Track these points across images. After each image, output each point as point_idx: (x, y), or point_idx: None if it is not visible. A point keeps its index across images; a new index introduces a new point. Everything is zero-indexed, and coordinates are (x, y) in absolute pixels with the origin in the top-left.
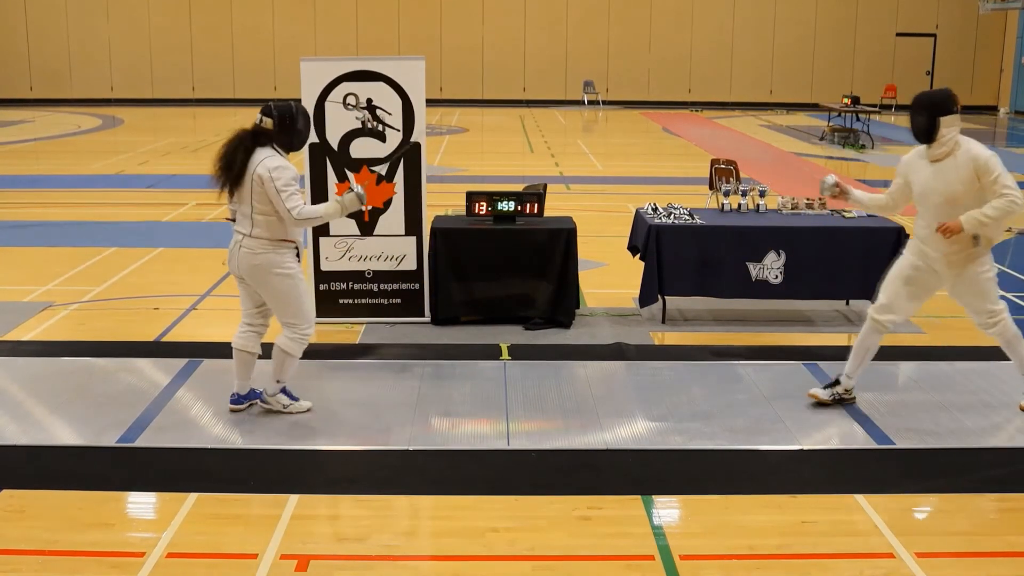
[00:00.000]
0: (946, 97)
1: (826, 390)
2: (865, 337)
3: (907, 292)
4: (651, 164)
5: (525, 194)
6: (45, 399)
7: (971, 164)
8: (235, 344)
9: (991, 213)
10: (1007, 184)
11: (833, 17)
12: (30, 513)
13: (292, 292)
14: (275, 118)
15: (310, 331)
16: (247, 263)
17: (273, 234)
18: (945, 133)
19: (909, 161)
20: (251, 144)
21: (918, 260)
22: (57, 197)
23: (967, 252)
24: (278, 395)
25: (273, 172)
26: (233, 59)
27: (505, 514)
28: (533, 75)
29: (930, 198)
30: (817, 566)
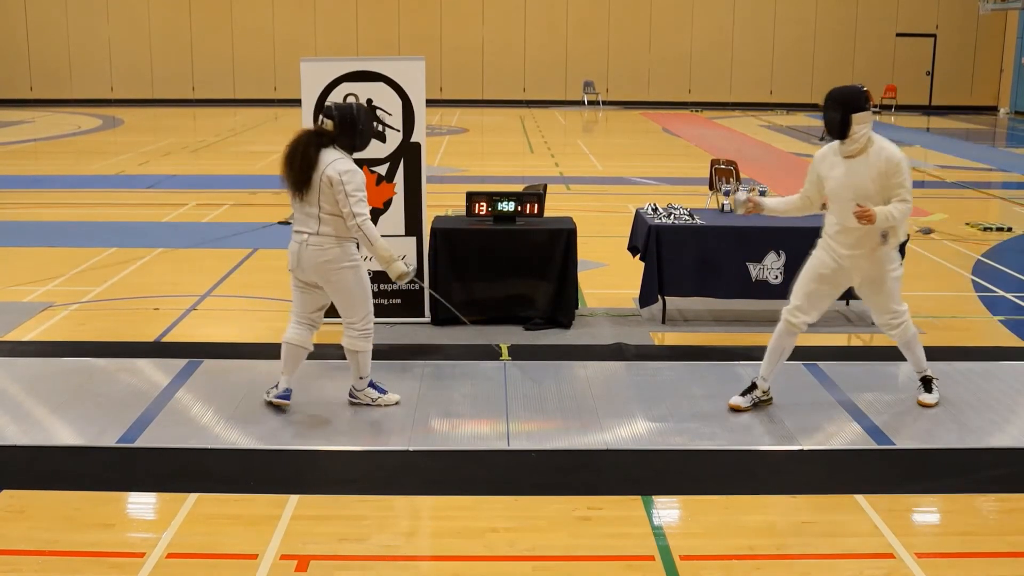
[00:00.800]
0: (858, 94)
1: (744, 396)
2: (779, 339)
3: (819, 291)
4: (651, 164)
5: (525, 194)
6: (45, 399)
7: (883, 163)
8: (289, 339)
9: (896, 215)
10: (908, 189)
11: (833, 17)
12: (30, 513)
13: (361, 283)
14: (336, 120)
15: (371, 322)
16: (315, 261)
17: (340, 232)
18: (857, 130)
19: (822, 157)
20: (317, 145)
21: (828, 258)
22: (57, 197)
23: (877, 251)
24: (366, 390)
25: (344, 175)
26: (233, 59)
27: (505, 514)
28: (533, 75)
29: (842, 194)
30: (817, 566)
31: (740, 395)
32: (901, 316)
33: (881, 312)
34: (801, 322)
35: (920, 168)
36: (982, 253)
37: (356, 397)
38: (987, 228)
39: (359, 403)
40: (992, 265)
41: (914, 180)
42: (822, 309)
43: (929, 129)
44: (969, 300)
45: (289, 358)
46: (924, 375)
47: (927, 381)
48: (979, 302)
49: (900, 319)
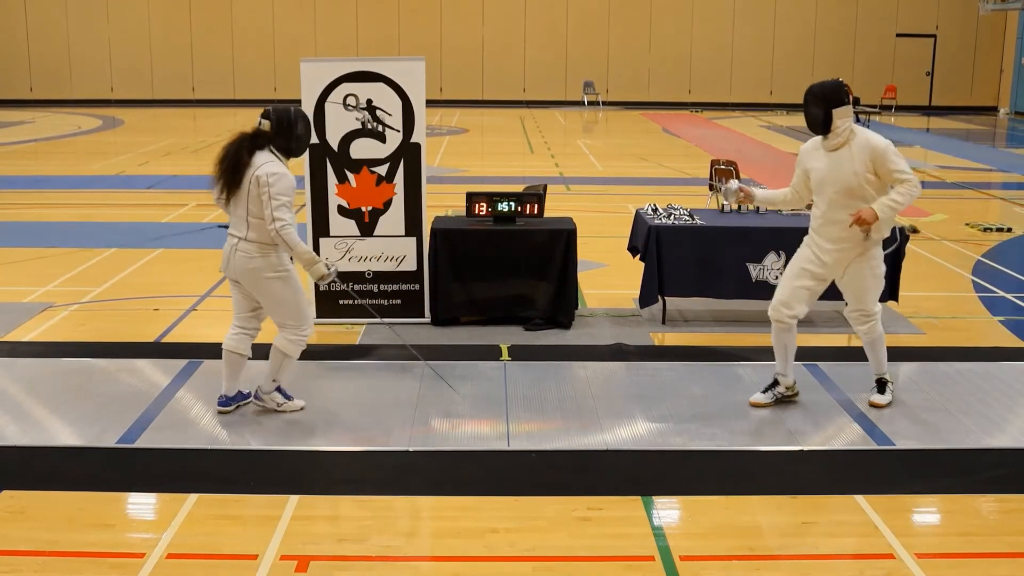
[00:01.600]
0: (837, 88)
1: (766, 393)
2: (778, 337)
3: (805, 286)
4: (651, 164)
5: (525, 195)
6: (45, 400)
7: (867, 153)
8: (226, 346)
9: (899, 199)
10: (904, 169)
11: (833, 18)
12: (30, 514)
13: (288, 294)
14: (273, 121)
15: (308, 332)
16: (243, 267)
17: (267, 239)
18: (840, 124)
19: (807, 151)
20: (251, 146)
21: (811, 254)
22: (57, 198)
23: (860, 245)
24: (273, 393)
25: (270, 178)
26: (233, 60)
27: (505, 515)
28: (533, 76)
29: (826, 188)
30: (817, 567)
31: (762, 391)
32: (872, 317)
33: (855, 304)
34: (787, 316)
35: (920, 168)
36: (982, 253)
37: (261, 400)
38: (987, 228)
39: (263, 406)
40: (992, 265)
41: None
42: (809, 303)
43: (929, 129)
44: (969, 300)
45: (227, 366)
46: (881, 377)
47: (882, 383)
48: (979, 302)
49: (872, 317)
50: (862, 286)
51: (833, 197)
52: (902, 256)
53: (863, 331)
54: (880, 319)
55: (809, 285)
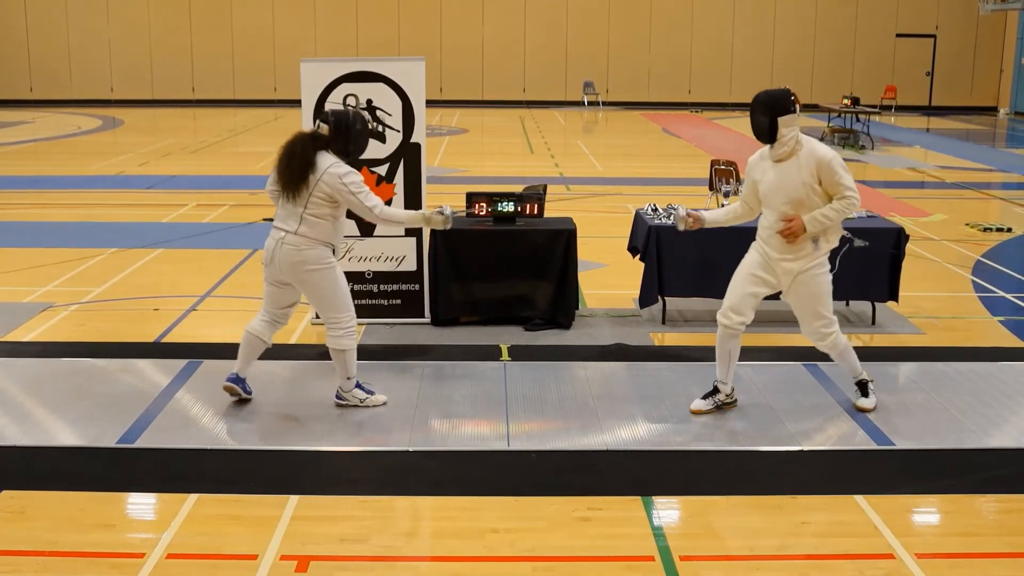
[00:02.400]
0: (784, 96)
1: (706, 400)
2: (723, 342)
3: (752, 293)
4: (651, 164)
5: (525, 195)
6: (45, 400)
7: (813, 165)
8: (249, 328)
9: (831, 214)
10: (848, 185)
11: (833, 18)
12: (30, 514)
13: (333, 284)
14: (331, 124)
15: (354, 321)
16: (289, 260)
17: (318, 235)
18: (785, 133)
19: (754, 163)
20: (313, 148)
21: (760, 259)
22: (57, 198)
23: (807, 256)
24: (353, 391)
25: (344, 179)
26: (233, 60)
27: (505, 515)
28: (533, 76)
29: (774, 198)
30: (817, 567)
31: (701, 398)
32: (830, 325)
33: (810, 320)
34: (736, 323)
35: (920, 168)
36: (982, 254)
37: (343, 399)
38: (987, 228)
39: (346, 404)
40: (992, 265)
41: (914, 181)
42: (755, 308)
43: (929, 130)
44: (969, 300)
45: (245, 347)
46: (860, 379)
47: (863, 385)
48: (979, 302)
49: (830, 328)
50: (814, 291)
51: (781, 208)
52: (902, 256)
53: (827, 345)
54: (839, 329)
55: (758, 292)
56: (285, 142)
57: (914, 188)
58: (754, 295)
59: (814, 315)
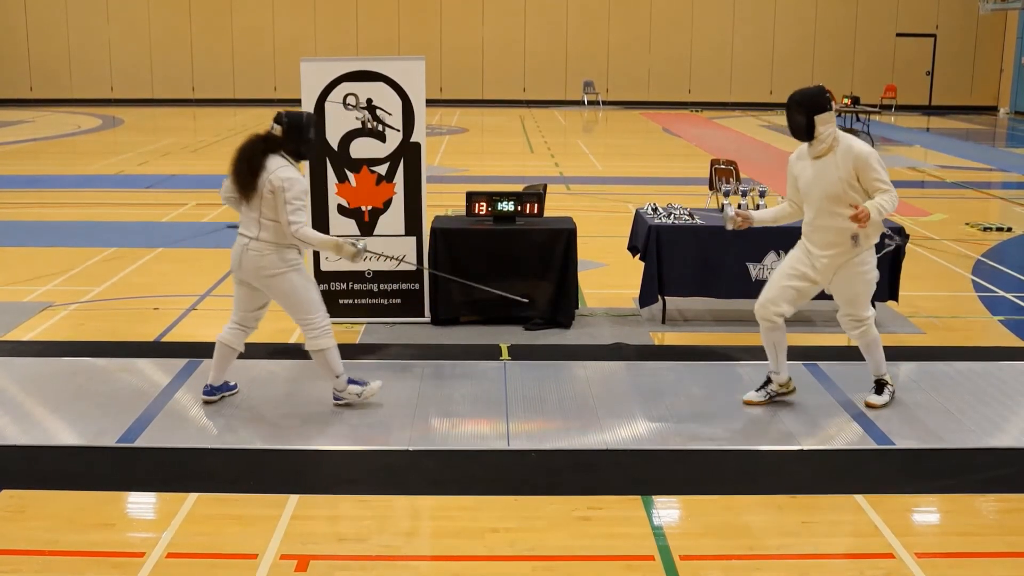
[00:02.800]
0: (819, 95)
1: (759, 392)
2: (767, 336)
3: (794, 286)
4: (651, 164)
5: (525, 194)
6: (45, 399)
7: (851, 160)
8: (220, 338)
9: (886, 205)
10: (886, 180)
11: (833, 17)
12: (30, 513)
13: (300, 286)
14: (285, 126)
15: (327, 319)
16: (253, 265)
17: (279, 239)
18: (823, 130)
19: (793, 161)
20: (264, 150)
21: (804, 256)
22: (57, 197)
23: (848, 253)
24: (347, 388)
25: (285, 183)
26: (233, 59)
27: (505, 514)
28: (533, 75)
29: (813, 195)
30: (817, 566)
31: (755, 390)
32: (864, 322)
33: (846, 308)
34: (774, 314)
35: (920, 168)
36: (982, 253)
37: (340, 397)
38: (987, 228)
39: (345, 403)
40: (992, 265)
41: (914, 180)
42: (795, 304)
43: (929, 129)
44: (969, 300)
45: (219, 357)
46: (880, 378)
47: (880, 384)
48: (979, 302)
49: (862, 324)
50: (852, 291)
51: (820, 204)
52: (902, 256)
53: (856, 335)
54: (873, 323)
55: (799, 286)
56: (239, 145)
57: (914, 188)
58: (794, 288)
59: (850, 307)
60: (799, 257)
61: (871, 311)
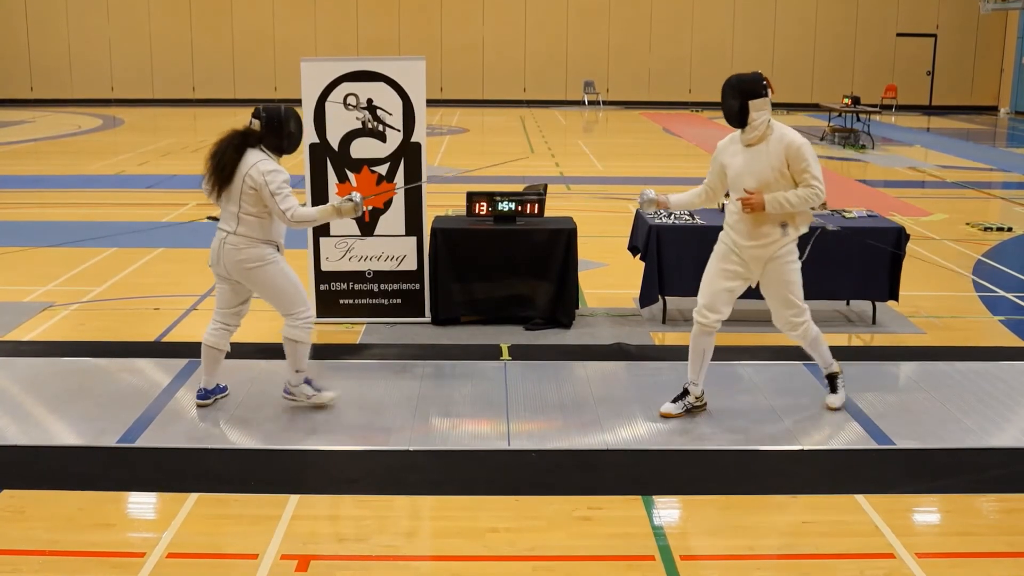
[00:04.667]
0: (755, 80)
1: (676, 403)
2: (697, 341)
3: (725, 287)
4: (652, 164)
5: (525, 194)
6: (45, 399)
7: (784, 149)
8: (206, 341)
9: (793, 200)
10: (815, 174)
11: (833, 17)
12: (30, 513)
13: (281, 278)
14: (263, 120)
15: (310, 313)
16: (232, 259)
17: (257, 234)
18: (756, 117)
19: (724, 146)
20: (241, 145)
21: (728, 251)
22: (57, 197)
23: (775, 242)
24: (301, 386)
25: (267, 176)
26: (233, 59)
27: (505, 514)
28: (533, 75)
29: (743, 183)
30: (817, 566)
31: (671, 401)
32: (802, 314)
33: (781, 308)
34: (712, 321)
35: (921, 168)
36: (982, 253)
37: (291, 394)
38: (987, 228)
39: (294, 401)
40: (992, 265)
41: (915, 180)
42: (731, 303)
43: (929, 129)
44: (969, 300)
45: (206, 359)
46: (830, 371)
47: (832, 378)
48: (979, 302)
49: (801, 317)
50: (783, 281)
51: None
52: (902, 256)
53: (799, 335)
54: (810, 318)
55: (731, 286)
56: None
57: (915, 187)
58: (728, 290)
59: (785, 303)
60: (725, 255)
61: (805, 303)
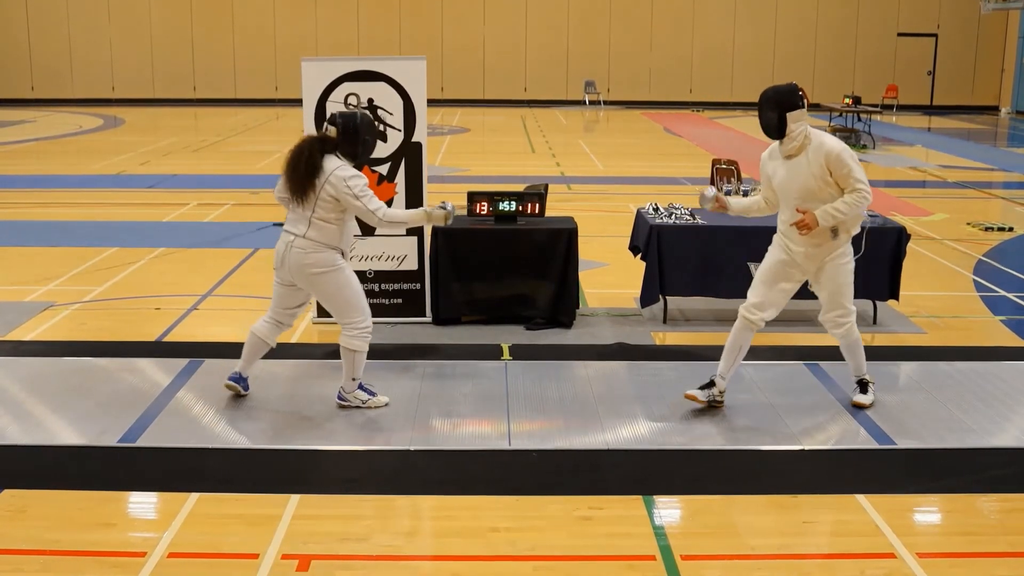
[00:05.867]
0: (791, 92)
1: (703, 391)
2: (737, 335)
3: (776, 288)
4: (652, 164)
5: (526, 194)
6: (46, 399)
7: (823, 158)
8: (254, 329)
9: (843, 208)
10: (859, 178)
11: (834, 17)
12: (31, 513)
13: (344, 286)
14: (339, 127)
15: (368, 323)
16: (298, 262)
17: (326, 239)
18: (794, 128)
19: (765, 159)
20: (320, 151)
21: (783, 254)
22: (58, 197)
23: (827, 245)
24: (356, 392)
25: (349, 181)
26: (234, 59)
27: (506, 514)
28: (534, 75)
29: (788, 193)
30: (818, 566)
31: (699, 388)
32: (848, 316)
33: (829, 308)
34: (759, 319)
35: (921, 168)
36: (983, 253)
37: (345, 399)
38: (988, 228)
39: (348, 405)
40: (993, 265)
41: (916, 180)
42: (780, 305)
43: (930, 129)
44: (970, 300)
45: (249, 348)
46: (862, 378)
47: (863, 384)
48: (980, 302)
49: (846, 319)
50: (838, 283)
51: (795, 202)
52: (903, 255)
53: (841, 334)
54: (855, 320)
55: (786, 288)
56: (293, 146)
57: (915, 187)
58: (781, 291)
59: (835, 304)
60: (778, 256)
61: (854, 306)
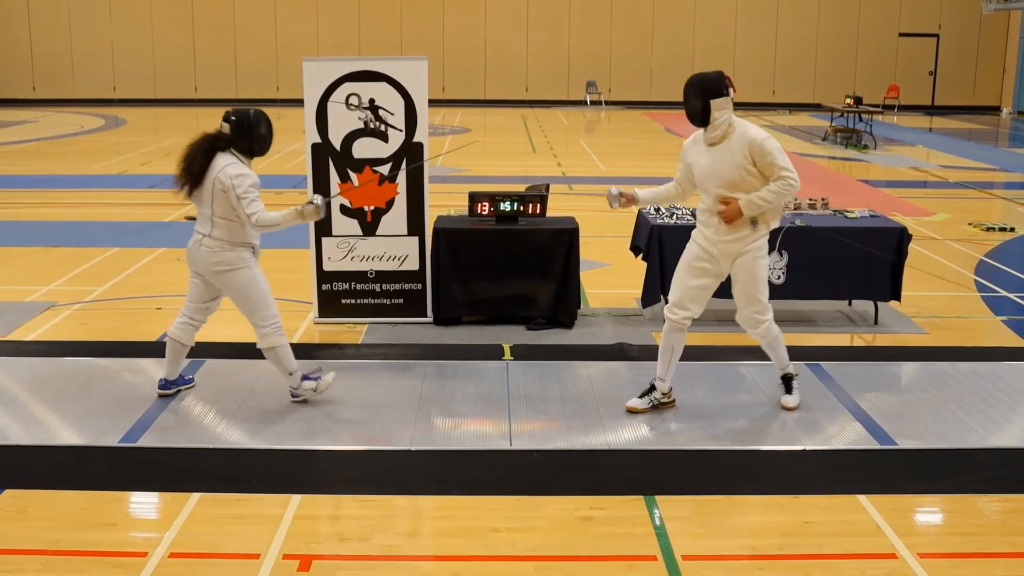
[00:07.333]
0: (717, 80)
1: (642, 398)
2: (667, 337)
3: (696, 284)
4: (653, 164)
5: (527, 194)
6: (47, 399)
7: (746, 147)
8: (171, 334)
9: (767, 196)
10: (783, 165)
11: (836, 17)
12: (33, 513)
13: (249, 284)
14: (233, 124)
15: (277, 316)
16: (206, 261)
17: (232, 236)
18: (718, 116)
19: (688, 146)
20: (211, 148)
21: (700, 249)
22: (59, 197)
23: (744, 239)
24: (301, 385)
25: (234, 180)
26: (236, 59)
27: (507, 514)
28: (535, 75)
29: (709, 182)
30: (819, 566)
31: (638, 396)
32: (765, 312)
33: (746, 304)
34: (681, 318)
35: (923, 168)
36: (985, 253)
37: (297, 395)
38: (990, 228)
39: (301, 399)
40: (995, 265)
41: (917, 180)
42: (701, 302)
43: (932, 129)
44: (972, 300)
45: (170, 353)
46: (786, 372)
47: (788, 380)
48: (981, 302)
49: (764, 315)
50: (754, 276)
51: (716, 191)
52: (904, 256)
53: (760, 333)
54: (772, 317)
55: (703, 283)
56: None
57: (917, 188)
58: (698, 288)
59: (750, 300)
60: (696, 252)
61: (768, 304)
